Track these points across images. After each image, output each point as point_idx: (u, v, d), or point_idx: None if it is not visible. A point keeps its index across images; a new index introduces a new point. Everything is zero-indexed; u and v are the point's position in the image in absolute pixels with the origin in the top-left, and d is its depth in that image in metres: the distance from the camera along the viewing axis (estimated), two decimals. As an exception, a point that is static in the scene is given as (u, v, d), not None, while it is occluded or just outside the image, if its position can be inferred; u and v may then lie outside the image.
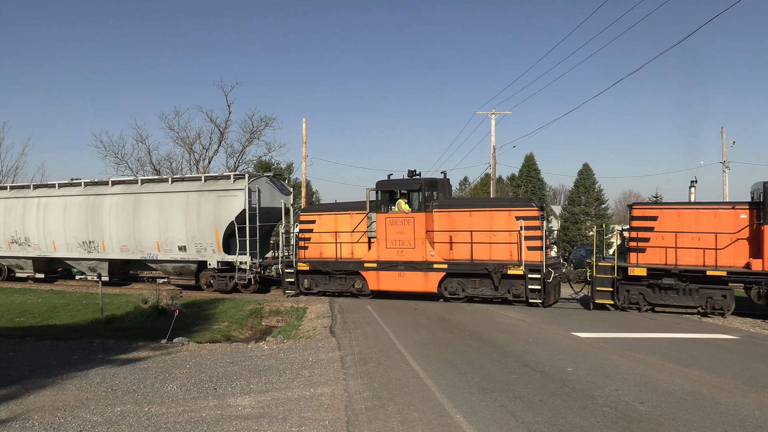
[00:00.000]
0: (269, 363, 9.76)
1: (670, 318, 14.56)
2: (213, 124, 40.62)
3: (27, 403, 7.36)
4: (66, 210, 23.04)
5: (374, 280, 17.87)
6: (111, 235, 22.13)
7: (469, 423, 6.30)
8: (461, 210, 17.53)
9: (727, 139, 35.78)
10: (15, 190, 25.15)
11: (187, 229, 20.67)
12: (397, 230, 17.38)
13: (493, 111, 36.03)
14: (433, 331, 12.42)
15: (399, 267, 17.39)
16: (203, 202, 20.48)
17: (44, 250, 23.80)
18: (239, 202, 19.79)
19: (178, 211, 20.86)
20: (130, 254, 22.00)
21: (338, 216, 18.74)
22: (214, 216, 20.21)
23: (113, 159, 39.39)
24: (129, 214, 21.77)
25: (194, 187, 20.96)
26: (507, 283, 16.39)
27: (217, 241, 20.17)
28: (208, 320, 15.62)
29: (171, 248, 21.09)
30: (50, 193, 23.83)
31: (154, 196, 21.50)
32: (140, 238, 21.57)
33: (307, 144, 32.90)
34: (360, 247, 18.38)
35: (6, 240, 24.61)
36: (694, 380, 8.13)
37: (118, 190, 22.46)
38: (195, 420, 6.63)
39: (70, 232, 22.91)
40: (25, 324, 15.06)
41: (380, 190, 17.87)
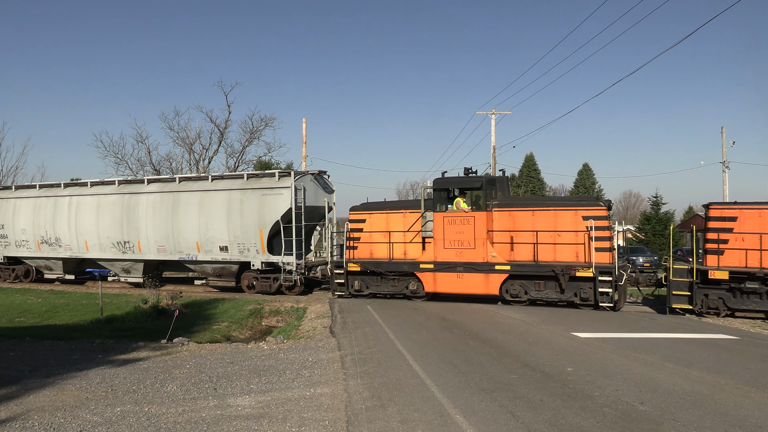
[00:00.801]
0: (269, 363, 9.76)
1: (670, 318, 14.57)
2: (213, 124, 40.71)
3: (27, 403, 7.36)
4: (99, 209, 22.41)
5: (431, 282, 17.19)
6: (147, 235, 21.44)
7: (469, 423, 6.30)
8: (523, 209, 16.77)
9: (727, 139, 35.82)
10: (44, 189, 24.43)
11: (230, 228, 19.99)
12: (456, 230, 16.75)
13: (493, 111, 36.05)
14: (433, 331, 12.42)
15: (458, 268, 16.74)
16: (246, 200, 19.77)
17: (76, 250, 23.16)
18: (285, 201, 19.23)
19: (220, 210, 20.16)
20: (168, 255, 21.31)
21: (390, 215, 18.23)
22: (258, 215, 19.55)
23: (113, 159, 39.47)
24: (167, 214, 21.06)
25: (236, 185, 20.22)
26: (573, 286, 15.79)
27: (261, 241, 19.55)
28: (208, 320, 15.62)
29: (212, 248, 20.42)
30: (82, 191, 23.20)
31: (193, 194, 20.79)
32: (179, 238, 20.89)
33: (307, 144, 32.92)
34: (413, 247, 17.87)
35: (36, 240, 23.98)
36: (694, 380, 8.13)
37: (155, 188, 21.74)
38: (195, 420, 6.63)
39: (104, 232, 22.26)
40: (25, 324, 15.07)
41: (438, 189, 17.22)
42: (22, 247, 24.39)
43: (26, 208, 24.11)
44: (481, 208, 16.67)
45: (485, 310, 15.95)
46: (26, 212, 24.06)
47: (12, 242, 24.59)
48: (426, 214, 17.58)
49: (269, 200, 19.40)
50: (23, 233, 24.15)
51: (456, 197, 17.13)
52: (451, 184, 17.24)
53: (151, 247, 21.51)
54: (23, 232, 24.15)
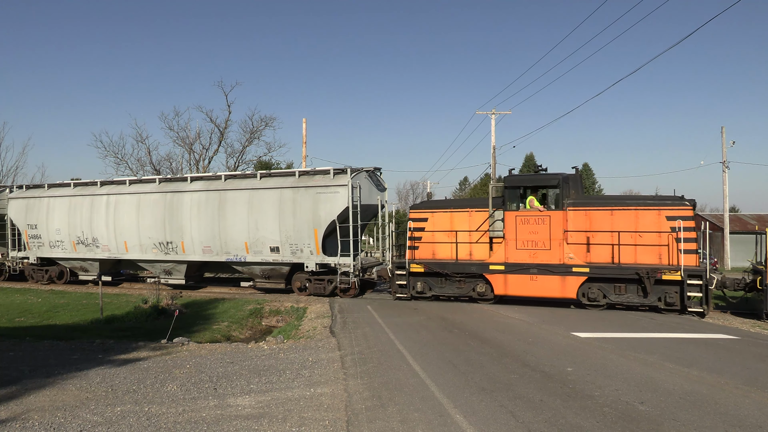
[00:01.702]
0: (269, 363, 9.76)
1: (670, 318, 14.56)
2: (213, 124, 40.76)
3: (27, 403, 7.36)
4: (140, 208, 21.43)
5: (501, 283, 16.46)
6: (192, 235, 20.49)
7: (469, 423, 6.30)
8: (601, 208, 15.88)
9: (727, 139, 35.82)
10: (79, 188, 23.44)
11: (281, 228, 19.12)
12: (530, 230, 16.05)
13: (493, 111, 36.04)
14: (433, 331, 12.42)
15: (531, 270, 16.01)
16: (299, 199, 18.86)
17: (114, 251, 22.22)
18: (342, 199, 18.29)
19: (271, 209, 19.24)
20: (214, 256, 20.37)
21: (454, 213, 17.49)
22: (312, 214, 18.65)
23: (113, 159, 39.53)
24: (213, 213, 20.11)
25: (288, 183, 19.26)
26: (658, 290, 15.07)
27: (315, 242, 18.68)
28: (208, 320, 15.62)
29: (262, 249, 19.52)
30: (121, 190, 22.19)
31: (241, 193, 19.82)
32: (226, 239, 19.95)
33: (307, 144, 32.92)
34: (480, 247, 17.12)
35: (71, 241, 23.01)
36: (694, 380, 8.13)
37: (200, 186, 20.72)
38: (195, 420, 6.63)
39: (145, 232, 21.31)
40: (25, 324, 15.06)
41: (510, 187, 16.44)
42: (57, 247, 23.51)
43: (61, 208, 23.20)
44: (558, 207, 15.97)
45: (485, 310, 15.94)
46: (61, 212, 23.18)
47: (46, 243, 23.72)
48: (495, 213, 16.85)
49: (324, 199, 18.53)
50: (58, 233, 23.29)
51: (529, 196, 16.42)
52: (525, 182, 16.54)
53: (195, 248, 20.60)
54: (58, 233, 23.29)
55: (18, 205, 24.38)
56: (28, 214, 23.92)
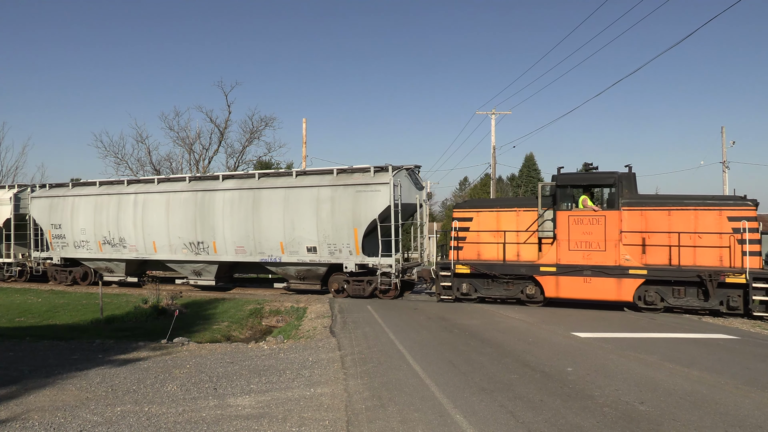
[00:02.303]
0: (269, 363, 9.76)
1: (670, 318, 14.56)
2: (213, 124, 40.76)
3: (27, 403, 7.36)
4: (169, 207, 20.89)
5: (552, 286, 15.90)
6: (225, 235, 19.97)
7: (469, 423, 6.30)
8: (657, 208, 15.36)
9: (727, 139, 35.83)
10: (105, 186, 22.94)
11: (319, 228, 18.59)
12: (584, 230, 15.52)
13: (493, 111, 36.06)
14: (433, 331, 12.42)
15: (585, 272, 15.44)
16: (338, 197, 18.37)
17: (142, 251, 21.68)
18: (383, 198, 17.81)
19: (308, 208, 18.72)
20: (247, 256, 19.80)
21: (501, 213, 17.03)
22: (352, 213, 18.13)
23: (113, 159, 39.55)
24: (246, 212, 19.57)
25: (326, 182, 18.73)
26: (720, 294, 14.56)
27: (355, 242, 18.19)
28: (208, 320, 15.63)
29: (298, 249, 18.98)
30: (149, 188, 21.69)
31: (277, 191, 19.27)
32: (260, 239, 19.42)
33: (307, 144, 32.93)
34: (528, 248, 16.67)
35: (97, 241, 22.43)
36: (694, 380, 8.13)
37: (232, 185, 20.19)
38: (195, 420, 6.63)
39: (175, 231, 20.79)
40: (25, 324, 15.06)
41: (562, 185, 15.85)
42: (82, 248, 22.94)
43: (86, 207, 22.66)
44: (612, 206, 15.44)
45: (485, 310, 15.94)
46: (86, 211, 22.65)
47: (70, 243, 23.16)
48: (544, 213, 16.34)
49: (365, 197, 18.02)
50: (83, 233, 22.74)
51: (582, 195, 15.96)
52: (579, 181, 15.95)
53: (228, 248, 20.05)
54: (83, 232, 22.73)
55: (41, 205, 23.88)
56: (52, 213, 23.45)
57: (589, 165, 16.49)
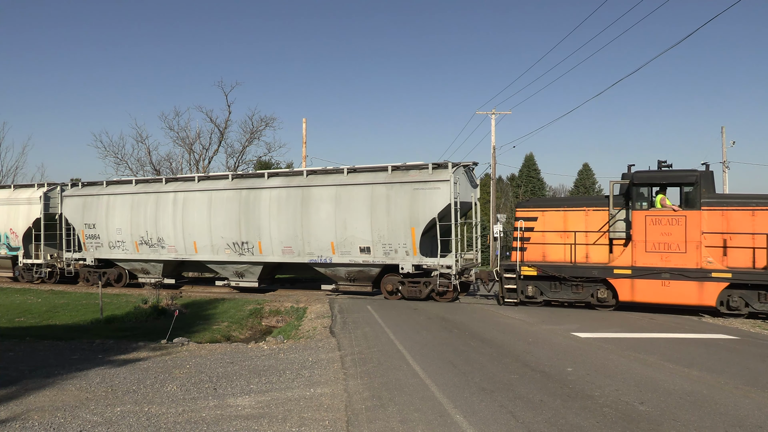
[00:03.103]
0: (269, 363, 9.76)
1: (670, 318, 14.56)
2: (213, 124, 40.68)
3: (27, 403, 7.36)
4: (212, 206, 20.14)
5: (627, 289, 15.12)
6: (271, 234, 19.24)
7: (469, 423, 6.30)
8: (740, 208, 14.59)
9: (727, 139, 35.84)
10: (142, 185, 22.20)
11: (373, 227, 17.85)
12: (662, 231, 14.76)
13: (493, 111, 36.05)
14: (433, 331, 12.42)
15: (663, 275, 14.71)
16: (393, 195, 17.63)
17: (182, 252, 20.82)
18: (443, 196, 17.06)
19: (361, 206, 18.00)
20: (295, 257, 19.11)
21: (568, 212, 16.27)
22: (409, 212, 17.42)
23: (113, 159, 39.50)
24: (295, 211, 18.89)
25: (380, 179, 17.98)
26: None
27: (412, 242, 17.45)
28: (208, 320, 15.63)
29: (350, 250, 18.28)
30: (189, 187, 20.86)
31: (326, 189, 18.56)
32: (309, 239, 18.72)
33: (307, 144, 32.92)
34: (597, 249, 15.92)
35: (134, 241, 21.60)
36: (694, 380, 8.13)
37: (279, 182, 19.45)
38: (195, 420, 6.63)
39: (217, 231, 20.05)
40: (25, 324, 15.07)
41: (638, 184, 15.14)
42: (117, 248, 22.09)
43: (122, 206, 21.85)
44: (694, 206, 14.71)
45: (485, 310, 15.94)
46: (122, 210, 21.84)
47: (105, 243, 22.30)
48: (616, 213, 15.64)
49: (423, 195, 17.29)
50: (119, 233, 21.94)
51: (659, 194, 15.24)
52: (657, 179, 15.09)
53: (274, 249, 19.32)
54: (119, 232, 21.94)
55: (74, 204, 23.06)
56: (86, 212, 22.68)
57: (663, 162, 15.69)
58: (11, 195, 25.16)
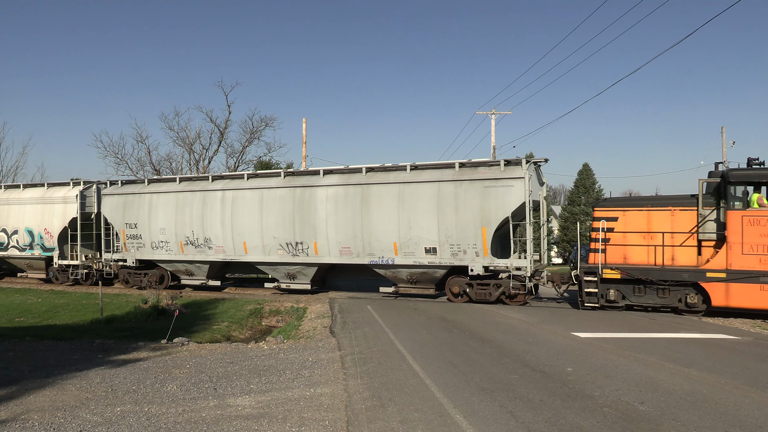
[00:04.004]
0: (269, 363, 9.76)
1: (670, 318, 14.56)
2: (213, 124, 40.78)
3: (27, 403, 7.36)
4: (263, 205, 19.43)
5: (721, 294, 14.40)
6: (328, 234, 18.53)
7: (469, 423, 6.30)
8: None
9: (727, 139, 35.85)
10: (186, 183, 21.38)
11: (440, 227, 17.13)
12: (761, 232, 14.04)
13: (493, 111, 36.05)
14: (433, 332, 12.42)
15: (762, 279, 14.01)
16: (462, 193, 16.87)
17: (231, 253, 20.09)
18: (517, 194, 16.29)
19: (427, 205, 17.28)
20: (354, 258, 18.35)
21: (652, 212, 15.48)
22: (480, 211, 16.65)
23: (113, 159, 39.56)
24: (354, 210, 18.15)
25: (447, 176, 17.20)
26: None
27: (483, 242, 16.70)
28: (208, 320, 15.63)
29: (414, 250, 17.54)
30: (238, 185, 20.11)
31: (389, 187, 17.83)
32: (370, 239, 17.99)
33: (307, 144, 32.93)
34: (684, 251, 15.16)
35: (178, 241, 20.80)
36: (694, 380, 8.13)
37: (336, 180, 18.74)
38: (195, 420, 6.63)
39: (270, 231, 19.34)
40: (25, 324, 15.07)
41: (733, 182, 14.43)
42: (160, 249, 21.28)
43: (166, 205, 21.08)
44: None
45: (485, 310, 15.94)
46: (166, 209, 21.05)
47: (147, 243, 21.50)
48: (707, 213, 14.94)
49: (494, 193, 16.49)
50: (162, 233, 21.13)
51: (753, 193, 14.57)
52: (754, 178, 14.35)
53: (331, 249, 18.62)
54: (162, 232, 21.12)
55: (114, 203, 22.23)
56: (126, 212, 21.85)
57: (755, 160, 15.16)
58: (45, 194, 24.09)
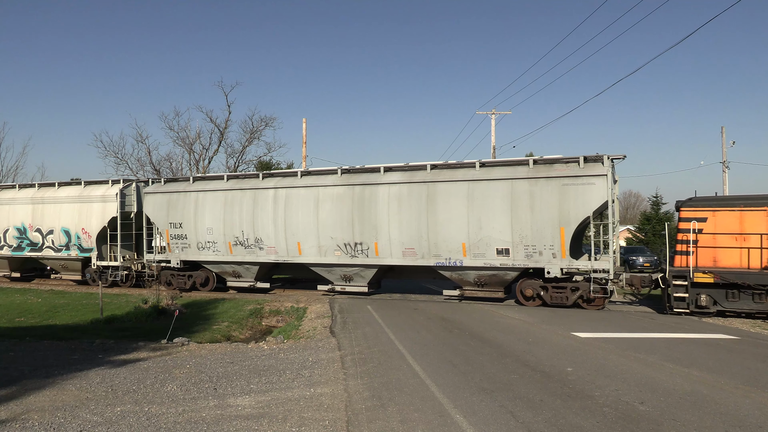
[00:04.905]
0: (269, 363, 9.76)
1: (670, 318, 14.56)
2: (213, 124, 40.74)
3: (27, 403, 7.36)
4: (319, 204, 18.76)
5: None
6: (390, 235, 17.83)
7: (469, 423, 6.31)
8: None
9: (727, 139, 35.83)
10: (235, 181, 20.67)
11: (514, 227, 16.41)
12: None
13: (493, 111, 36.05)
14: (433, 331, 12.42)
15: None
16: (538, 192, 16.15)
17: (283, 254, 19.38)
18: (599, 192, 15.55)
19: (500, 204, 16.56)
20: (418, 259, 17.61)
21: (745, 213, 14.90)
22: (558, 210, 15.91)
23: (113, 159, 39.54)
24: (419, 209, 17.47)
25: (521, 174, 16.47)
26: None
27: (561, 243, 15.95)
28: (208, 320, 15.62)
29: (485, 251, 16.79)
30: (292, 183, 19.41)
31: (457, 185, 17.12)
32: (436, 239, 17.29)
33: (307, 144, 32.92)
34: None
35: (227, 242, 20.10)
36: (694, 380, 8.13)
37: (398, 177, 17.98)
38: (195, 420, 6.63)
39: (326, 231, 18.64)
40: (25, 324, 15.06)
41: None
42: (207, 249, 20.53)
43: (213, 203, 20.36)
44: None
45: (485, 310, 15.95)
46: (213, 208, 20.33)
47: (193, 244, 20.72)
48: None
49: (574, 192, 15.74)
50: (209, 233, 20.41)
51: None
52: None
53: (393, 250, 17.90)
54: (209, 232, 20.41)
55: (157, 202, 21.44)
56: (171, 211, 21.08)
57: None
58: (82, 192, 23.24)
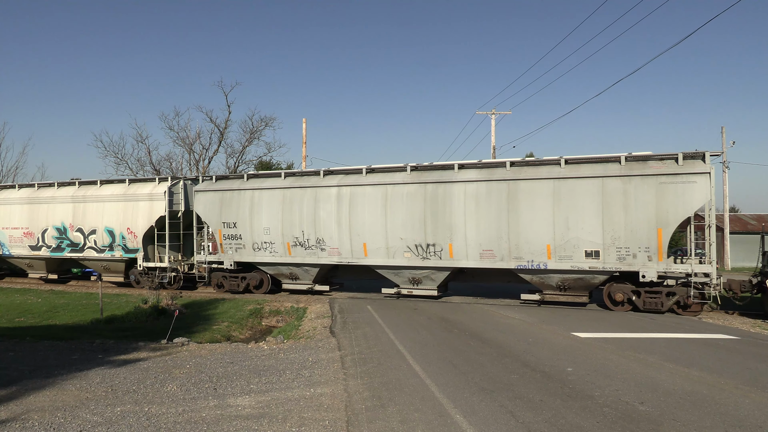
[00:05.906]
0: (269, 363, 9.76)
1: (670, 318, 14.56)
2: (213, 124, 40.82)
3: (27, 403, 7.36)
4: (387, 203, 17.88)
5: None
6: (466, 235, 16.94)
7: (469, 423, 6.31)
8: None
9: (727, 139, 35.84)
10: (293, 178, 19.68)
11: (605, 228, 15.48)
12: None
13: (493, 111, 36.06)
14: (433, 332, 12.42)
15: None
16: (632, 191, 15.24)
17: (347, 255, 18.52)
18: (701, 191, 14.71)
19: (589, 203, 15.64)
20: (497, 262, 16.65)
21: None
22: (655, 210, 14.98)
23: (113, 159, 39.60)
24: (499, 208, 16.55)
25: (612, 171, 15.52)
26: None
27: (658, 245, 14.99)
28: (208, 320, 15.62)
29: (573, 254, 15.81)
30: (356, 180, 18.52)
31: (541, 183, 16.20)
32: (518, 241, 16.35)
33: (307, 144, 32.94)
34: None
35: (285, 242, 19.25)
36: (694, 380, 8.13)
37: (475, 175, 17.03)
38: (195, 420, 6.63)
39: (396, 232, 17.76)
40: (25, 324, 15.06)
41: None
42: (263, 250, 19.69)
43: (270, 202, 19.52)
44: None
45: (485, 310, 15.95)
46: (271, 207, 19.48)
47: (248, 244, 19.89)
48: None
49: (673, 191, 14.89)
50: (266, 233, 19.54)
51: None
52: None
53: (469, 252, 16.99)
54: (266, 232, 19.54)
55: (209, 200, 20.54)
56: (224, 210, 20.21)
57: None
58: (127, 191, 22.35)
